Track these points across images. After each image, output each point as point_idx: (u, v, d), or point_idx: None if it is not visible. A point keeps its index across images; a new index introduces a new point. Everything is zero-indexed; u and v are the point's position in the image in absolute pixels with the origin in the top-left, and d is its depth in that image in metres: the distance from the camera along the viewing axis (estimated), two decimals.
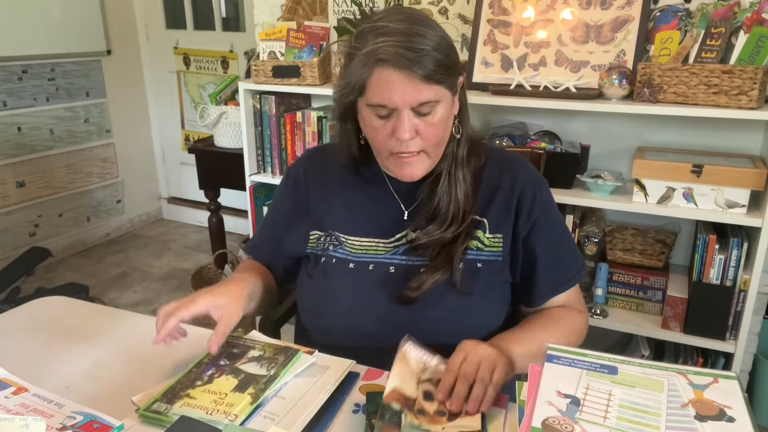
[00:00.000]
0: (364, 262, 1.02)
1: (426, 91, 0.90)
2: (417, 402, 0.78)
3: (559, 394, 0.65)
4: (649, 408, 0.63)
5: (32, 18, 3.03)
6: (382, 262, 1.01)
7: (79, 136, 3.39)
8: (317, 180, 1.10)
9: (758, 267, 1.58)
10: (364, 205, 1.06)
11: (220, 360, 0.88)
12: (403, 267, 1.00)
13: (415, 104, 0.90)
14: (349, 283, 1.01)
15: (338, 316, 1.00)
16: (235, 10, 3.46)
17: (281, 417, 0.77)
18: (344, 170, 1.08)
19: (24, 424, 0.70)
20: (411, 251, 1.01)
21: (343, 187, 1.08)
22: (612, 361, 0.71)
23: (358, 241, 1.03)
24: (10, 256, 2.93)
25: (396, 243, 1.02)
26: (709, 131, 1.81)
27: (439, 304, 0.96)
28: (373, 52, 0.88)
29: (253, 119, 2.19)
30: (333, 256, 1.03)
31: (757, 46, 1.53)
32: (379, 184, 1.06)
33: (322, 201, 1.08)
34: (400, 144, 0.93)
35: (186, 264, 3.31)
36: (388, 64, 0.88)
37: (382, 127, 0.93)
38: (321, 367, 0.88)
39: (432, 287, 0.95)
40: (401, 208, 1.04)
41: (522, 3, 1.86)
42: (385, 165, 1.01)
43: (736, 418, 0.60)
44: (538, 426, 0.60)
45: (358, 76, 0.92)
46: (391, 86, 0.89)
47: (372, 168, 1.06)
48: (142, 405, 0.79)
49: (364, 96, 0.93)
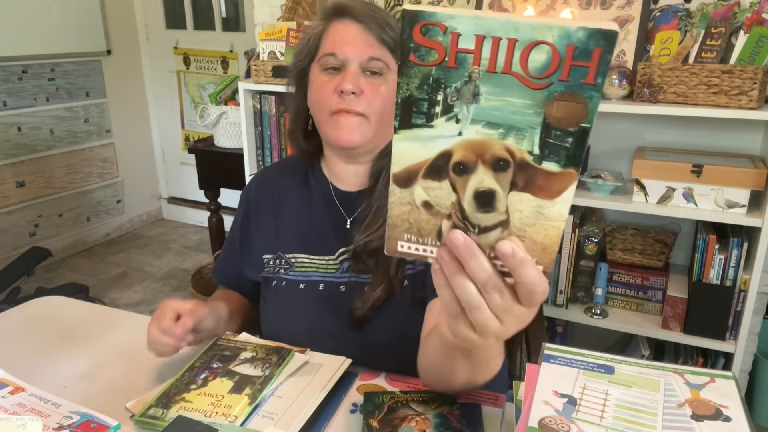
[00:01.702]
0: (314, 281, 0.99)
1: (378, 50, 0.92)
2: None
3: (555, 393, 0.65)
4: (645, 408, 0.63)
5: (32, 18, 3.03)
6: (331, 282, 0.98)
7: (79, 136, 3.39)
8: (267, 200, 1.08)
9: (758, 267, 1.58)
10: (310, 219, 1.04)
11: (213, 363, 0.87)
12: (353, 285, 0.96)
13: (366, 58, 0.92)
14: (301, 305, 0.98)
15: (294, 339, 0.95)
16: (235, 10, 3.46)
17: (280, 416, 0.77)
18: (293, 184, 1.07)
19: (21, 423, 0.70)
20: (355, 267, 0.97)
21: (291, 204, 1.06)
22: (609, 360, 0.71)
23: (308, 259, 1.01)
24: (10, 256, 2.93)
25: (342, 258, 0.99)
26: (709, 131, 1.81)
27: (388, 322, 0.93)
28: (335, 4, 0.93)
29: (253, 119, 2.19)
30: (283, 278, 1.01)
31: (757, 46, 1.53)
32: (325, 194, 1.04)
33: (272, 222, 1.06)
34: (343, 100, 0.91)
35: (186, 264, 3.31)
36: (349, 15, 0.92)
37: (328, 82, 0.93)
38: (314, 365, 0.88)
39: (378, 304, 0.92)
40: (345, 217, 1.02)
41: (522, 3, 1.86)
42: (325, 133, 0.97)
43: (733, 417, 0.60)
44: (535, 426, 0.60)
45: (315, 29, 0.95)
46: (346, 36, 0.92)
47: (318, 178, 1.06)
48: (137, 411, 0.78)
49: (317, 53, 0.95)
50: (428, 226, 0.50)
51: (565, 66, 0.41)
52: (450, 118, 0.45)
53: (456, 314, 0.52)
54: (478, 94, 0.44)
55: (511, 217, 0.48)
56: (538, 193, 0.46)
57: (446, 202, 0.48)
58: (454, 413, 0.78)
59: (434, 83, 0.44)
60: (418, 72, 0.44)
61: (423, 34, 0.42)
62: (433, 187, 0.48)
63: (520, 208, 0.47)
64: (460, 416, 0.78)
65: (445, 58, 0.43)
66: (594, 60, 0.41)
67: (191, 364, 0.87)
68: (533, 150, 0.45)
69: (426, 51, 0.43)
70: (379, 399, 0.81)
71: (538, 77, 0.42)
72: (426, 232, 0.50)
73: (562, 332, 2.05)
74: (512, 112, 0.44)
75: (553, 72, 0.42)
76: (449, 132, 0.45)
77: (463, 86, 0.44)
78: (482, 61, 0.42)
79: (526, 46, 0.41)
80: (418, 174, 0.48)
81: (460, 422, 0.77)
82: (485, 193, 0.47)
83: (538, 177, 0.45)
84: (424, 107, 0.45)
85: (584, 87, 0.41)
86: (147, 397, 0.81)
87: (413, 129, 0.46)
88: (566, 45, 0.41)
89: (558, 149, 0.44)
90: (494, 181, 0.46)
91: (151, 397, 0.81)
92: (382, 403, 0.80)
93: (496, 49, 0.42)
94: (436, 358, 0.72)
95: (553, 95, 0.42)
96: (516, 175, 0.46)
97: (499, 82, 0.43)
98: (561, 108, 0.43)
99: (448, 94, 0.44)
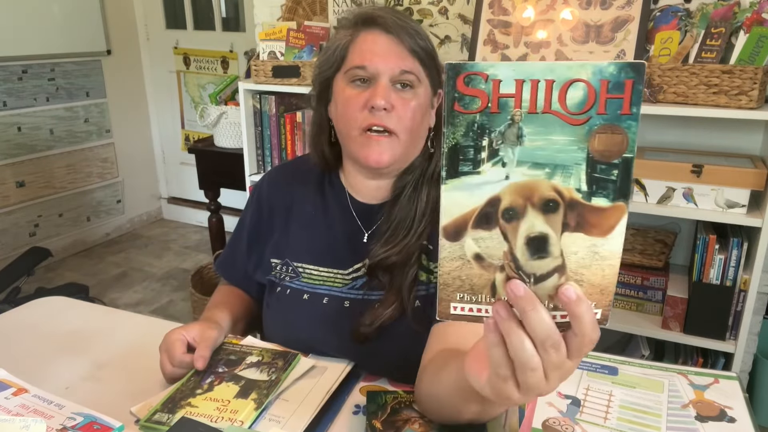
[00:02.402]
0: (319, 294, 0.96)
1: (410, 62, 0.87)
2: None
3: (559, 395, 0.65)
4: (649, 408, 0.63)
5: (32, 18, 3.02)
6: (337, 296, 0.95)
7: (79, 136, 3.39)
8: (280, 203, 1.05)
9: (758, 267, 1.58)
10: (324, 230, 1.00)
11: (218, 367, 0.87)
12: (359, 302, 0.94)
13: (397, 72, 0.87)
14: (303, 315, 0.96)
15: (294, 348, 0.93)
16: (235, 10, 3.46)
17: (287, 419, 0.77)
18: (307, 189, 1.03)
19: (24, 425, 0.70)
20: (368, 285, 0.94)
21: (305, 210, 1.02)
22: (612, 361, 0.71)
23: (316, 271, 0.98)
24: (10, 256, 2.93)
25: (354, 275, 0.96)
26: (709, 131, 1.81)
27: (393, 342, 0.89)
28: (362, 14, 0.88)
29: (253, 119, 2.19)
30: (288, 286, 0.99)
31: (757, 46, 1.53)
32: (343, 206, 1.00)
33: (284, 227, 1.03)
34: (374, 115, 0.87)
35: (186, 264, 3.31)
36: (377, 25, 0.87)
37: (356, 97, 0.88)
38: (320, 369, 0.88)
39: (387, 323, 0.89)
40: (362, 230, 0.98)
41: (522, 3, 1.86)
42: (352, 150, 0.93)
43: (737, 418, 0.60)
44: (539, 427, 0.60)
45: (342, 39, 0.90)
46: (376, 47, 0.86)
47: (335, 188, 1.02)
48: (143, 416, 0.78)
49: (344, 64, 0.90)
50: (481, 281, 0.48)
51: (601, 99, 0.44)
52: (496, 162, 0.46)
53: (506, 377, 0.49)
54: (521, 136, 0.45)
55: (567, 261, 0.46)
56: (591, 231, 0.46)
57: (498, 252, 0.47)
58: None
59: (479, 129, 0.45)
60: (463, 120, 0.45)
61: (466, 84, 0.44)
62: (484, 237, 0.47)
63: (575, 249, 0.46)
64: None
65: (488, 104, 0.45)
66: (627, 91, 0.43)
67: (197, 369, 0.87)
68: (581, 187, 0.45)
69: (470, 99, 0.45)
70: (382, 400, 0.81)
71: (578, 113, 0.44)
72: (479, 288, 0.49)
73: None
74: (556, 150, 0.45)
75: (590, 107, 0.44)
76: (496, 177, 0.46)
77: (506, 129, 0.45)
78: (523, 104, 0.44)
79: (563, 85, 0.44)
80: (467, 225, 0.47)
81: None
82: (538, 238, 0.46)
83: (589, 214, 0.45)
84: (470, 154, 0.46)
85: (621, 118, 0.44)
86: (152, 401, 0.81)
87: (461, 177, 0.46)
88: (600, 80, 0.43)
89: (605, 183, 0.45)
90: (545, 224, 0.46)
91: (157, 401, 0.80)
92: (385, 404, 0.80)
93: (535, 91, 0.44)
94: (446, 396, 0.68)
95: (594, 128, 0.44)
96: (567, 215, 0.46)
97: (541, 122, 0.45)
98: (602, 141, 0.44)
99: (493, 139, 0.45)
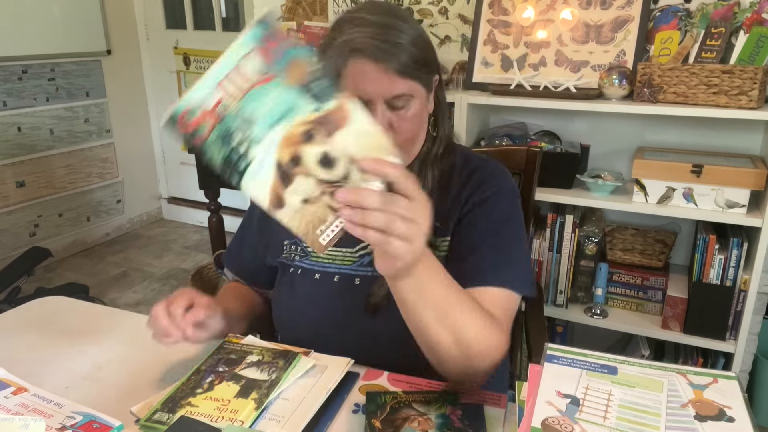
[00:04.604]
0: (330, 272, 0.99)
1: (400, 84, 0.88)
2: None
3: (558, 394, 0.65)
4: (649, 408, 0.63)
5: (32, 18, 3.03)
6: (347, 274, 0.98)
7: (79, 136, 3.39)
8: None
9: (758, 267, 1.58)
10: None
11: (219, 366, 0.87)
12: (369, 278, 0.96)
13: (389, 97, 0.88)
14: (314, 294, 0.99)
15: (302, 327, 0.97)
16: (235, 10, 3.46)
17: (287, 418, 0.77)
18: None
19: (23, 424, 0.70)
20: None
21: None
22: (612, 361, 0.71)
23: None
24: (10, 256, 2.93)
25: (361, 251, 0.98)
26: (709, 131, 1.81)
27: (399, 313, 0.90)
28: (347, 43, 0.87)
29: None
30: (299, 266, 1.01)
31: (757, 46, 1.53)
32: None
33: None
34: None
35: (186, 264, 3.31)
36: (363, 54, 0.86)
37: None
38: (320, 367, 0.88)
39: None
40: None
41: (522, 3, 1.86)
42: None
43: (736, 418, 0.60)
44: (538, 426, 0.60)
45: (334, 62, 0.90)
46: (365, 77, 0.87)
47: None
48: (143, 416, 0.78)
49: None
50: (321, 211, 0.64)
51: (269, 53, 0.62)
52: (252, 143, 0.65)
53: (387, 242, 0.62)
54: (249, 116, 0.64)
55: (347, 152, 0.62)
56: (340, 125, 0.62)
57: (311, 187, 0.64)
58: (456, 413, 0.78)
59: (225, 137, 0.65)
60: (211, 144, 0.66)
61: (187, 121, 0.65)
62: (295, 188, 0.64)
63: (343, 144, 0.62)
64: (463, 416, 0.78)
65: (209, 119, 0.64)
66: (278, 39, 0.62)
67: (197, 368, 0.87)
68: (310, 109, 0.62)
69: (200, 128, 0.65)
70: (382, 399, 0.81)
71: (265, 73, 0.62)
72: (323, 215, 0.64)
73: (562, 332, 2.05)
74: (277, 104, 0.62)
75: (270, 63, 0.62)
76: (263, 151, 0.64)
77: (241, 122, 0.65)
78: (229, 100, 0.63)
79: (237, 66, 0.63)
80: (279, 191, 0.64)
81: (463, 422, 0.77)
82: (321, 158, 0.63)
83: (330, 118, 0.62)
84: (235, 155, 0.66)
85: (289, 52, 0.62)
86: (152, 401, 0.81)
87: (244, 173, 0.67)
88: (262, 40, 0.62)
89: (322, 93, 0.62)
90: (315, 146, 0.63)
91: (157, 401, 0.80)
92: (384, 403, 0.80)
93: (230, 85, 0.63)
94: (409, 323, 0.79)
95: (281, 72, 0.62)
96: (320, 131, 0.62)
97: (251, 97, 0.62)
98: (294, 73, 0.62)
99: (237, 130, 0.65)
